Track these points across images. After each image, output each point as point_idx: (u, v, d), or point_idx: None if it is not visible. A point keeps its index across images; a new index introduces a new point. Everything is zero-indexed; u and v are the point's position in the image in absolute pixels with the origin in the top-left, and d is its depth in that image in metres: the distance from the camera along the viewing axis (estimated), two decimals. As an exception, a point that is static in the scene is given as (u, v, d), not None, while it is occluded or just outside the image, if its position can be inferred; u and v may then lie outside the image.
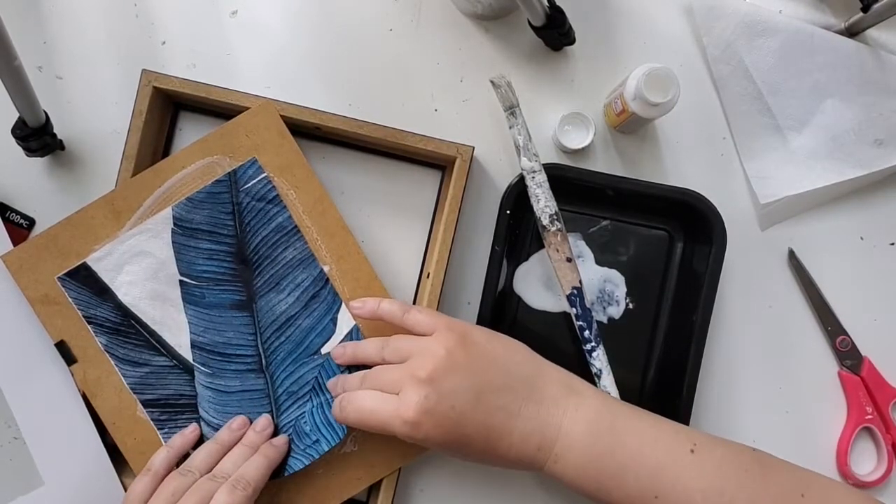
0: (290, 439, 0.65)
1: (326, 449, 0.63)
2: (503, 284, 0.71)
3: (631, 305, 0.72)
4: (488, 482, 0.71)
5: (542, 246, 0.70)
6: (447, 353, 0.57)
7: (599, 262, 0.72)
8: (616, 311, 0.72)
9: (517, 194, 0.69)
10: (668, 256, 0.73)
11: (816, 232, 0.74)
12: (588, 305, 0.68)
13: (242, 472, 0.57)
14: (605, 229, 0.73)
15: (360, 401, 0.58)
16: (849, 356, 0.73)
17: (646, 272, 0.73)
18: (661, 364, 0.71)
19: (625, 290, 0.72)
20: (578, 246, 0.72)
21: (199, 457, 0.62)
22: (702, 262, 0.69)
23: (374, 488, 0.69)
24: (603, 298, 0.72)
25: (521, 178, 0.68)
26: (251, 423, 0.65)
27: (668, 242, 0.73)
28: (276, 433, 0.66)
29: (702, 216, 0.69)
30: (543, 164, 0.68)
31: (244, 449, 0.62)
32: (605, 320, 0.72)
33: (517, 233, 0.72)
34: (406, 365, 0.58)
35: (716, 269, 0.68)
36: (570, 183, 0.69)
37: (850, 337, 0.72)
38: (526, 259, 0.72)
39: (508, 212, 0.68)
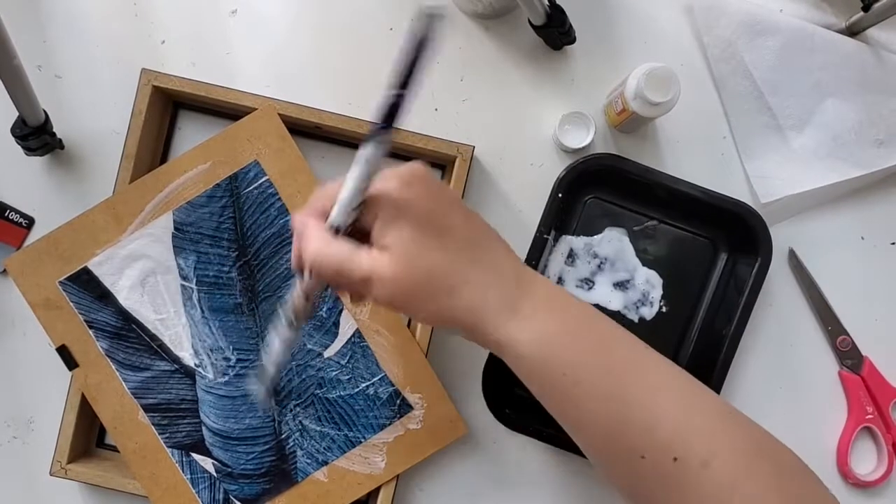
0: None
1: (339, 455, 0.64)
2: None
3: (664, 309, 0.72)
4: (488, 482, 0.71)
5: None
6: None
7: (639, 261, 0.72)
8: (648, 312, 0.71)
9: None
10: (710, 266, 0.72)
11: (817, 231, 0.74)
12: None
13: None
14: (649, 229, 0.72)
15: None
16: (849, 356, 0.73)
17: (684, 278, 0.72)
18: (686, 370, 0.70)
19: (661, 292, 0.72)
20: (622, 241, 0.72)
21: None
22: (743, 277, 0.68)
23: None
24: (638, 297, 0.72)
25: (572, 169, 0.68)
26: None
27: (712, 252, 0.72)
28: (278, 437, 0.66)
29: (750, 230, 0.68)
30: (596, 154, 0.69)
31: None
32: (636, 320, 0.71)
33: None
34: None
35: (757, 285, 0.67)
36: (622, 176, 0.68)
37: (850, 336, 0.73)
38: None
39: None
